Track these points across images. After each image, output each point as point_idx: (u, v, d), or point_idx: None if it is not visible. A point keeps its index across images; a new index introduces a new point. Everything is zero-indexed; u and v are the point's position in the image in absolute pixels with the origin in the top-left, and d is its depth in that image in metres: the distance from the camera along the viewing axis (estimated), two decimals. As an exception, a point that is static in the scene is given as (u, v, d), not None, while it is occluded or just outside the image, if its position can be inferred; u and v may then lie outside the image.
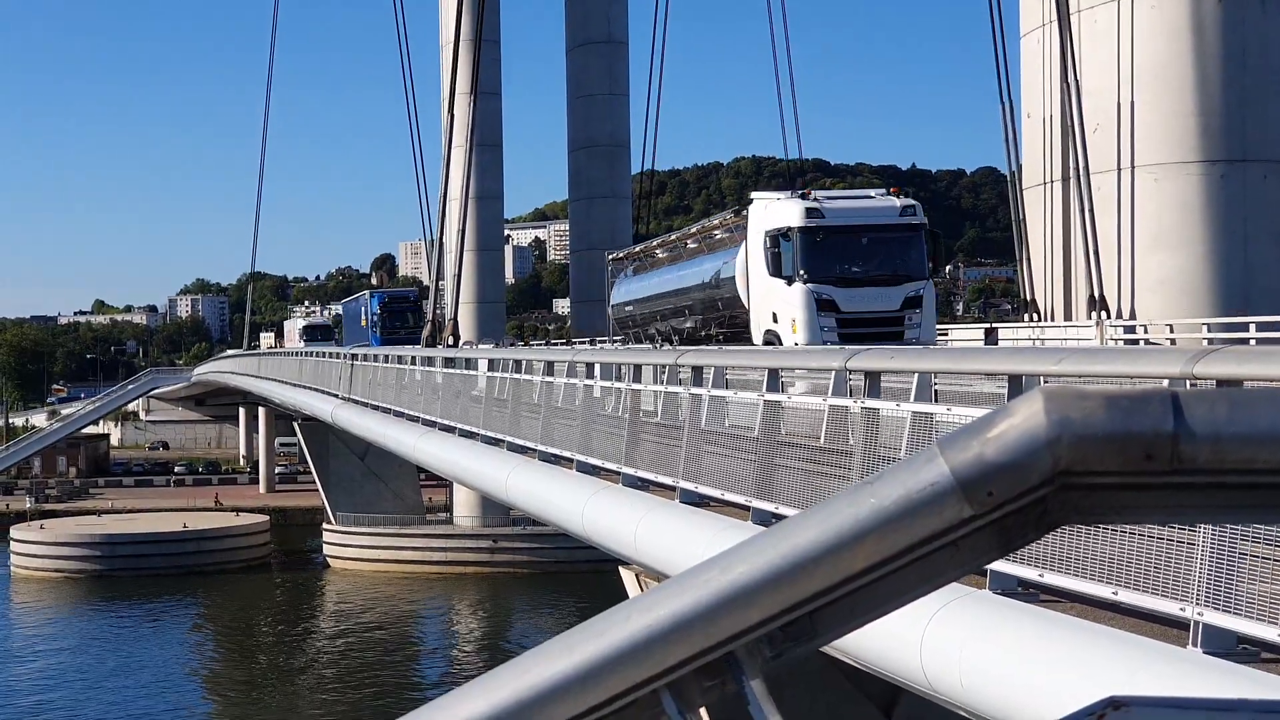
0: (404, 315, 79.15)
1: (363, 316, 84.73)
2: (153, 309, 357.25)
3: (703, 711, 2.15)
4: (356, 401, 47.18)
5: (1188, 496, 1.95)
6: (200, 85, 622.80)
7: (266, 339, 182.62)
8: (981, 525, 1.99)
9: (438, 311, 64.11)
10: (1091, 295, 34.08)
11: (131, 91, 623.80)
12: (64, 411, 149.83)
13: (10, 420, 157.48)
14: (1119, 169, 33.88)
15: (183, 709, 53.23)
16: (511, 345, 57.26)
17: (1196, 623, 8.32)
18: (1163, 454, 1.89)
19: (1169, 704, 1.98)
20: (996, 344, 31.87)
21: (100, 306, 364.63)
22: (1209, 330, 29.99)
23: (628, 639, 2.04)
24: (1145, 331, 31.90)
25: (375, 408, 43.29)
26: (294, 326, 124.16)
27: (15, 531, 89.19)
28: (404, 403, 39.24)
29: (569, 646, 2.08)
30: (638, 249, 48.19)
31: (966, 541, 2.01)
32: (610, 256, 49.83)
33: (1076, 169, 34.31)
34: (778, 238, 30.51)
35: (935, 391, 13.69)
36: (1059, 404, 1.92)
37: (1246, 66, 33.12)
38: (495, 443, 27.69)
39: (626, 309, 45.05)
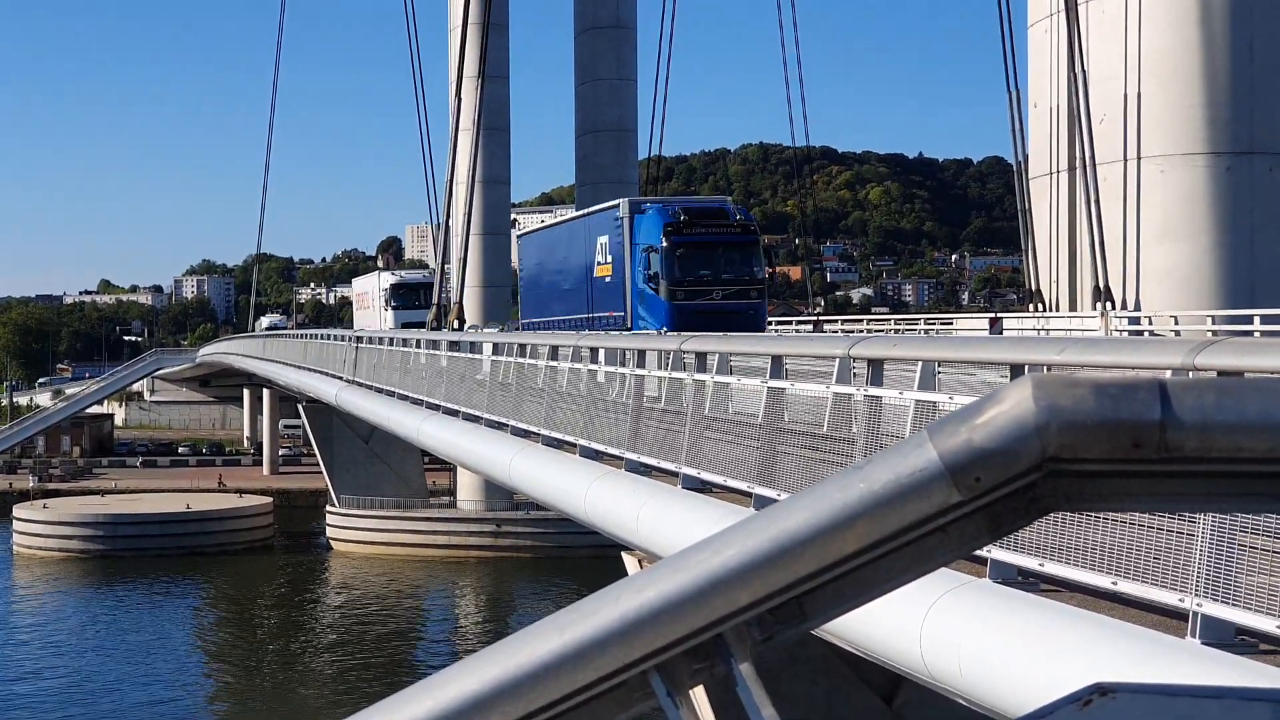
0: (716, 255, 37.48)
1: (626, 261, 40.34)
2: (158, 289, 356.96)
3: (701, 693, 2.16)
4: (361, 384, 47.19)
5: (1175, 484, 1.96)
6: (207, 66, 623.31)
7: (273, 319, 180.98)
8: (970, 510, 2.00)
9: (443, 295, 64.09)
10: (1097, 286, 34.04)
11: (138, 71, 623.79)
12: (68, 391, 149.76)
13: (15, 399, 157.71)
14: (1125, 160, 33.85)
15: (184, 689, 53.32)
16: (517, 329, 56.57)
17: (1195, 613, 8.34)
18: (1150, 441, 1.90)
19: (1155, 690, 1.99)
20: (1001, 334, 31.87)
21: (106, 286, 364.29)
22: (1214, 322, 29.95)
23: (617, 620, 2.05)
24: (1150, 323, 31.85)
25: (380, 391, 43.30)
26: (371, 285, 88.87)
27: (18, 511, 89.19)
28: (408, 386, 39.26)
29: (560, 627, 2.10)
30: None
31: (955, 526, 2.02)
32: None
33: (1083, 159, 34.27)
34: None
35: (938, 381, 13.69)
36: (1048, 391, 1.93)
37: (1254, 58, 33.05)
38: (499, 427, 27.71)
39: None
